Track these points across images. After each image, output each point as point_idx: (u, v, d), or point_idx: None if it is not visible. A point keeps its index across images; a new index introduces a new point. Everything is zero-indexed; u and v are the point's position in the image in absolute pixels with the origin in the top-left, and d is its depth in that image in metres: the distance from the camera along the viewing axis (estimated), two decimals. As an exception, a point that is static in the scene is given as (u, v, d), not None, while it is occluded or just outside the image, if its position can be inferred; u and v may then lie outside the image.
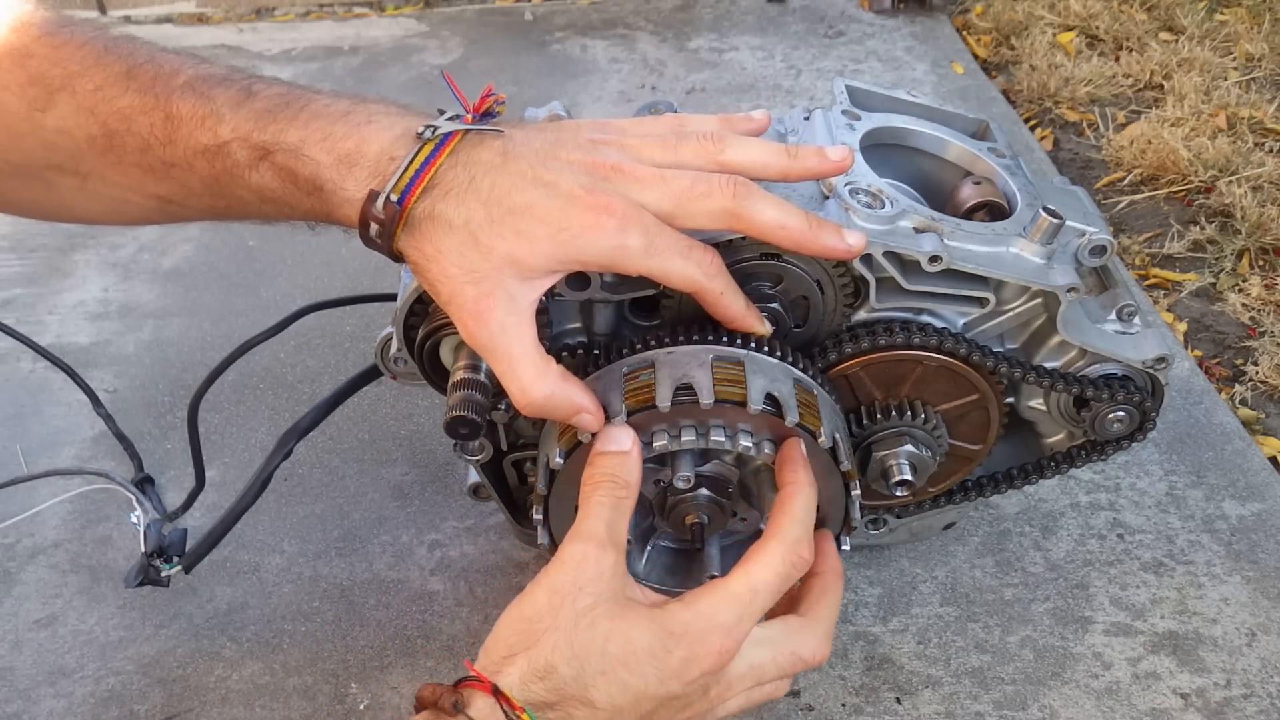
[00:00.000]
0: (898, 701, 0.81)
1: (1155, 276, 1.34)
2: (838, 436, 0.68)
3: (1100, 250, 0.73)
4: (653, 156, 0.64)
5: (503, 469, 0.82)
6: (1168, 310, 1.28)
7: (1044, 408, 0.80)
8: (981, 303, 0.73)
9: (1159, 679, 0.82)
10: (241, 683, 0.84)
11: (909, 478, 0.75)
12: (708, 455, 0.70)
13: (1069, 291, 0.71)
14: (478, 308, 0.59)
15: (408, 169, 0.59)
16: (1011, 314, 0.74)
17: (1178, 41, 1.83)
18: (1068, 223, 0.71)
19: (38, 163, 0.67)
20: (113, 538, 0.97)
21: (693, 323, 0.69)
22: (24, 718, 0.82)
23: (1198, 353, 1.21)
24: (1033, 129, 1.67)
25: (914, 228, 0.70)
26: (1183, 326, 1.25)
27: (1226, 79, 1.69)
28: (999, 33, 1.95)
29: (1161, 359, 0.75)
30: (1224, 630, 0.85)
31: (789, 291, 0.71)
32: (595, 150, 0.63)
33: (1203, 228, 1.39)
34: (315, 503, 1.00)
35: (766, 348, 0.68)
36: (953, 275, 0.70)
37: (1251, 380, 1.17)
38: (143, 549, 0.81)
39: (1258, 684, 0.81)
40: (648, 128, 0.67)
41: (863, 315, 0.73)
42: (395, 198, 0.59)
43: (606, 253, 0.60)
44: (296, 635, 0.88)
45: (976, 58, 1.87)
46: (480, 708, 0.56)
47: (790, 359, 0.69)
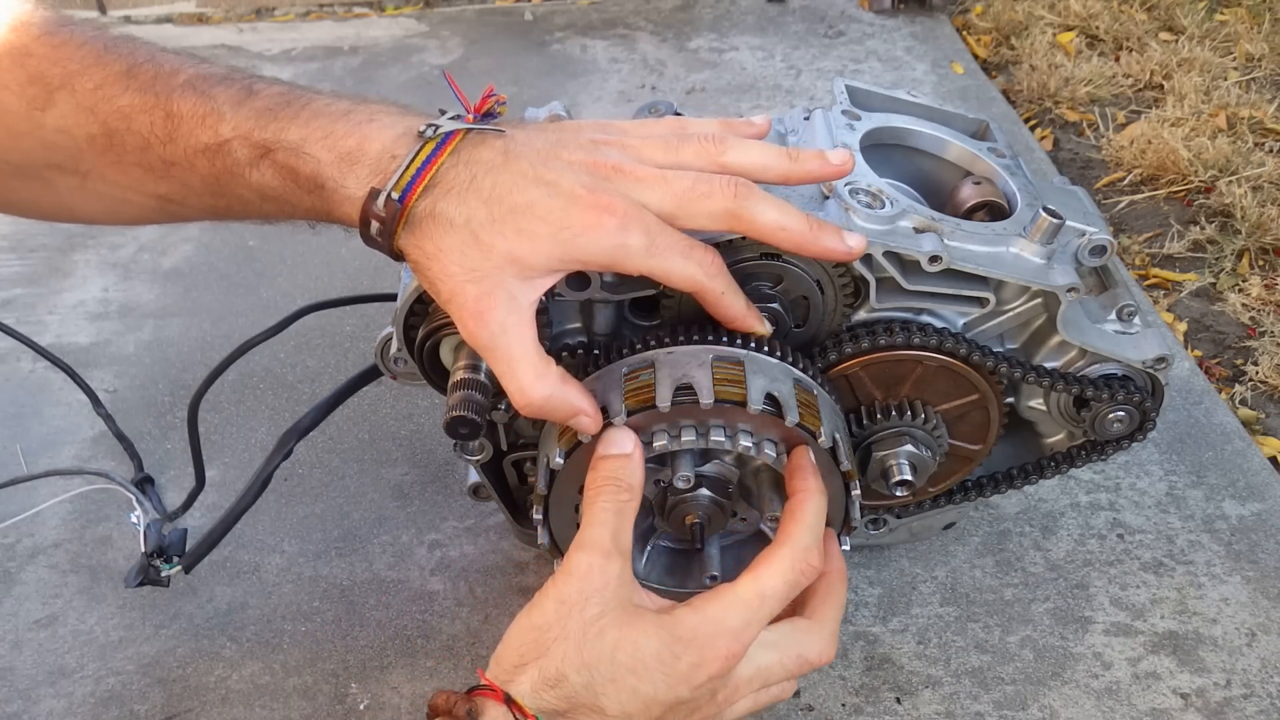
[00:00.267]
0: (898, 701, 0.81)
1: (1155, 276, 1.34)
2: (838, 436, 0.68)
3: (1100, 250, 0.73)
4: (654, 157, 0.64)
5: (503, 469, 0.82)
6: (1168, 310, 1.28)
7: (1044, 408, 0.80)
8: (981, 303, 0.73)
9: (1159, 679, 0.82)
10: (241, 683, 0.84)
11: (909, 478, 0.75)
12: (708, 455, 0.70)
13: (1069, 291, 0.71)
14: (478, 307, 0.59)
15: (409, 167, 0.59)
16: (1011, 314, 0.74)
17: (1178, 41, 1.83)
18: (1068, 223, 0.71)
19: (37, 162, 0.67)
20: (113, 538, 0.97)
21: (693, 323, 0.69)
22: (24, 718, 0.82)
23: (1198, 353, 1.21)
24: (1033, 129, 1.67)
25: (914, 228, 0.70)
26: (1183, 326, 1.25)
27: (1226, 79, 1.69)
28: (999, 33, 1.95)
29: (1161, 359, 0.75)
30: (1224, 630, 0.85)
31: (789, 291, 0.71)
32: (597, 150, 0.63)
33: (1203, 228, 1.39)
34: (315, 503, 1.00)
35: (766, 348, 0.68)
36: (953, 275, 0.70)
37: (1251, 380, 1.17)
38: (143, 549, 0.81)
39: (1258, 684, 0.81)
40: (649, 129, 0.67)
41: (863, 315, 0.73)
42: (396, 196, 0.59)
43: (608, 252, 0.60)
44: (296, 635, 0.88)
45: (976, 58, 1.87)
46: (493, 716, 0.57)
47: (790, 359, 0.69)
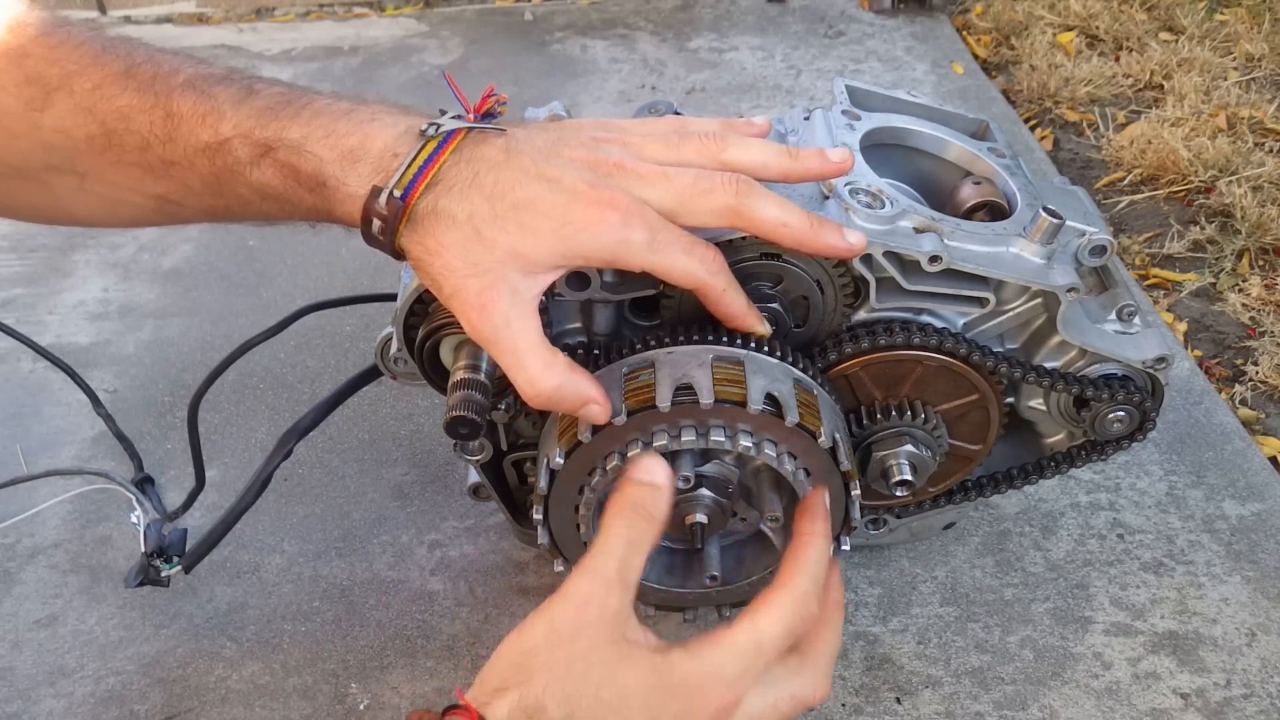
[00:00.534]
0: (898, 701, 0.81)
1: (1155, 276, 1.34)
2: (838, 436, 0.68)
3: (1100, 250, 0.73)
4: (655, 154, 0.64)
5: (503, 469, 0.82)
6: (1168, 310, 1.28)
7: (1044, 408, 0.80)
8: (981, 303, 0.73)
9: (1159, 679, 0.82)
10: (241, 683, 0.84)
11: (909, 478, 0.75)
12: (708, 455, 0.70)
13: (1069, 291, 0.71)
14: (481, 300, 0.59)
15: (411, 164, 0.59)
16: (1011, 314, 0.74)
17: (1178, 41, 1.83)
18: (1068, 223, 0.71)
19: (36, 163, 0.66)
20: (113, 538, 0.97)
21: (693, 323, 0.69)
22: (24, 718, 0.82)
23: (1198, 353, 1.21)
24: (1033, 129, 1.66)
25: (914, 228, 0.70)
26: (1183, 326, 1.25)
27: (1226, 79, 1.69)
28: (999, 33, 1.95)
29: (1161, 359, 0.75)
30: (1224, 630, 0.85)
31: (789, 291, 0.71)
32: (598, 148, 0.63)
33: (1203, 228, 1.39)
34: (315, 503, 1.00)
35: (766, 348, 0.68)
36: (953, 275, 0.70)
37: (1251, 380, 1.17)
38: (143, 549, 0.81)
39: (1258, 684, 0.81)
40: (650, 127, 0.67)
41: (863, 315, 0.73)
42: (399, 193, 0.59)
43: (610, 248, 0.60)
44: (296, 635, 0.88)
45: (976, 58, 1.87)
46: None
47: (790, 359, 0.69)
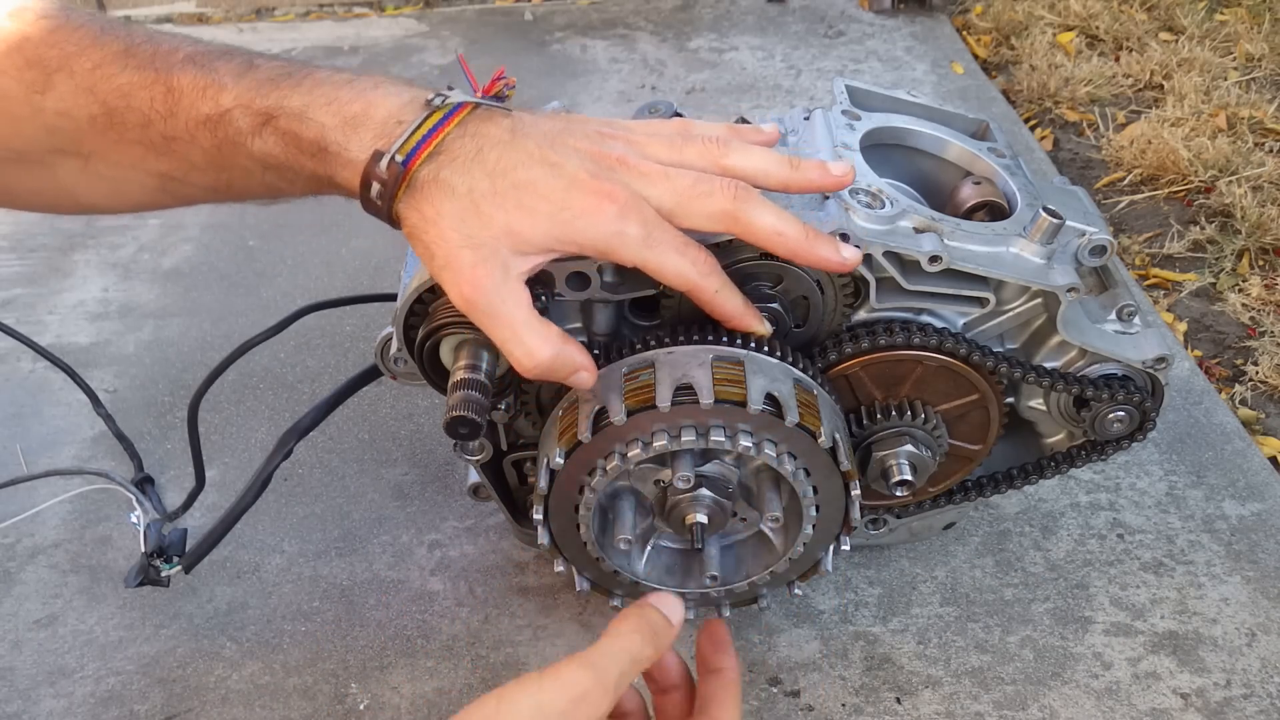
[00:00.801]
0: (898, 701, 0.81)
1: (1155, 276, 1.34)
2: (838, 436, 0.68)
3: (1100, 250, 0.73)
4: (657, 154, 0.65)
5: (503, 469, 0.82)
6: (1168, 310, 1.28)
7: (1044, 408, 0.80)
8: (981, 303, 0.73)
9: (1159, 679, 0.82)
10: (241, 683, 0.84)
11: (909, 478, 0.75)
12: (708, 455, 0.70)
13: (1069, 291, 0.71)
14: (475, 274, 0.59)
15: (416, 131, 0.60)
16: (1011, 314, 0.74)
17: (1178, 41, 1.83)
18: (1068, 223, 0.71)
19: (39, 147, 0.67)
20: (113, 538, 0.97)
21: (693, 323, 0.69)
22: (24, 718, 0.82)
23: (1198, 353, 1.21)
24: (1033, 129, 1.66)
25: (914, 228, 0.70)
26: (1183, 326, 1.25)
27: (1226, 79, 1.69)
28: (999, 33, 1.95)
29: (1161, 359, 0.75)
30: (1224, 630, 0.85)
31: (789, 291, 0.71)
32: (603, 141, 0.64)
33: (1203, 228, 1.39)
34: (315, 503, 1.00)
35: (766, 348, 0.68)
36: (953, 275, 0.70)
37: (1251, 380, 1.17)
38: (143, 549, 0.81)
39: (1258, 684, 0.81)
40: (655, 128, 0.68)
41: (863, 315, 0.73)
42: (400, 159, 0.59)
43: (604, 238, 0.61)
44: (296, 635, 0.88)
45: (976, 58, 1.87)
46: None
47: (790, 359, 0.69)
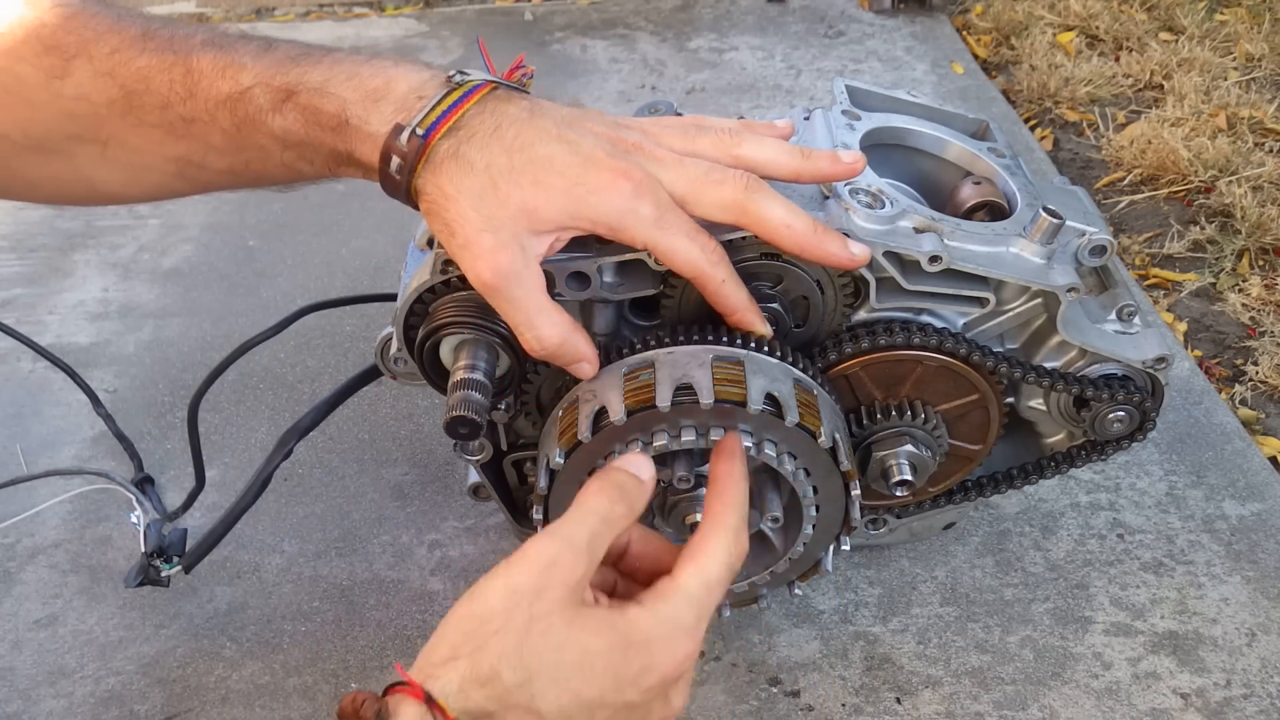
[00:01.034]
0: (898, 701, 0.81)
1: (1155, 276, 1.34)
2: (838, 436, 0.68)
3: (1100, 250, 0.73)
4: (672, 143, 0.66)
5: (503, 469, 0.82)
6: (1168, 310, 1.28)
7: (1044, 408, 0.80)
8: (981, 303, 0.73)
9: (1159, 679, 0.82)
10: (241, 683, 0.84)
11: (909, 478, 0.75)
12: (708, 455, 0.70)
13: (1069, 291, 0.71)
14: (495, 259, 0.60)
15: (436, 106, 0.61)
16: (1011, 314, 0.74)
17: (1178, 41, 1.83)
18: (1068, 223, 0.71)
19: (58, 133, 0.68)
20: (113, 538, 0.97)
21: (693, 323, 0.69)
22: (24, 718, 0.82)
23: (1198, 353, 1.21)
24: (1033, 129, 1.66)
25: (914, 228, 0.70)
26: (1183, 326, 1.25)
27: (1226, 79, 1.69)
28: (999, 33, 1.95)
29: (1161, 359, 0.75)
30: (1224, 630, 0.85)
31: (789, 291, 0.71)
32: (618, 128, 0.65)
33: (1203, 228, 1.39)
34: (315, 503, 1.00)
35: (766, 348, 0.68)
36: (953, 275, 0.70)
37: (1251, 380, 1.17)
38: (143, 549, 0.81)
39: (1258, 684, 0.81)
40: (669, 121, 0.69)
41: (863, 315, 0.73)
42: (421, 132, 0.60)
43: (618, 215, 0.61)
44: (296, 635, 0.88)
45: (976, 58, 1.87)
46: (408, 716, 0.50)
47: (790, 359, 0.69)
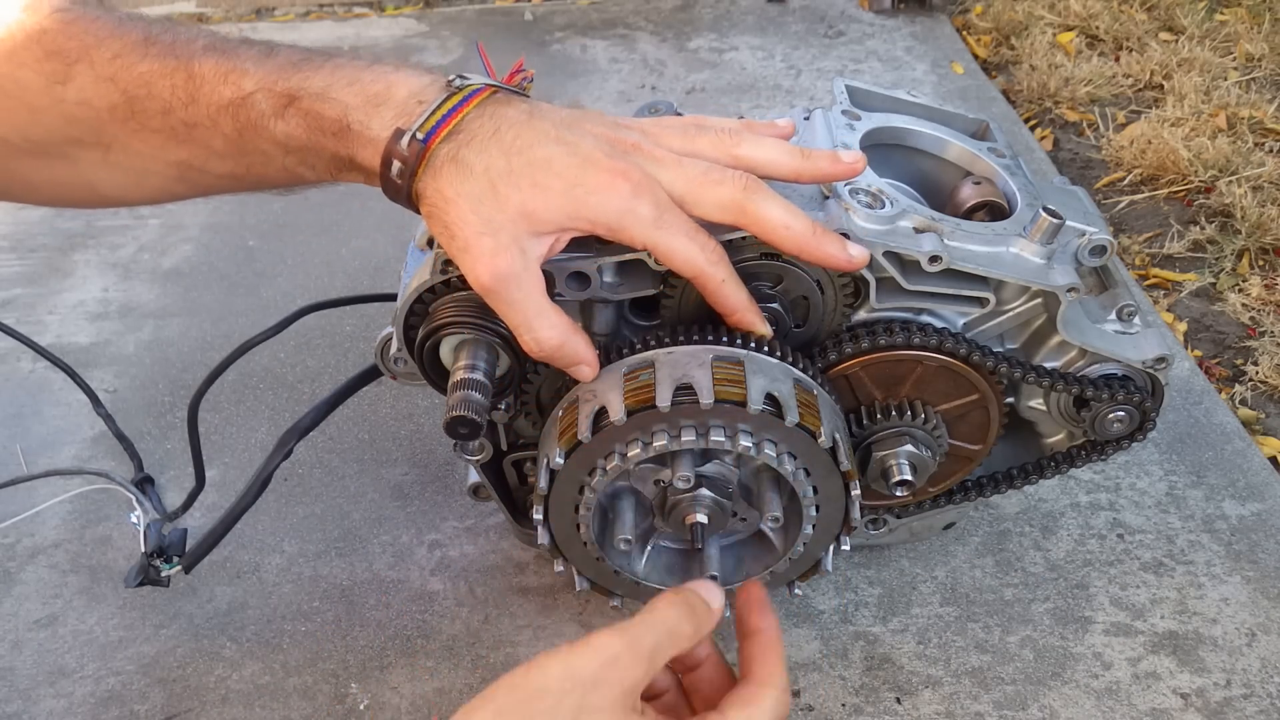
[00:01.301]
0: (898, 701, 0.81)
1: (1155, 276, 1.34)
2: (838, 436, 0.68)
3: (1100, 250, 0.73)
4: (671, 143, 0.66)
5: (503, 469, 0.82)
6: (1168, 310, 1.28)
7: (1044, 408, 0.80)
8: (981, 303, 0.73)
9: (1159, 679, 0.82)
10: (241, 683, 0.84)
11: (909, 478, 0.75)
12: (708, 455, 0.70)
13: (1069, 291, 0.71)
14: (494, 262, 0.61)
15: (436, 110, 0.61)
16: (1011, 314, 0.74)
17: (1178, 41, 1.83)
18: (1068, 223, 0.71)
19: (60, 138, 0.68)
20: (113, 538, 0.97)
21: (693, 323, 0.69)
22: (24, 718, 0.82)
23: (1198, 353, 1.21)
24: (1033, 129, 1.66)
25: (914, 228, 0.70)
26: (1183, 326, 1.25)
27: (1226, 79, 1.69)
28: (999, 33, 1.95)
29: (1161, 359, 0.75)
30: (1224, 630, 0.85)
31: (789, 291, 0.71)
32: (617, 128, 0.66)
33: (1203, 228, 1.39)
34: (315, 503, 1.00)
35: (766, 348, 0.68)
36: (953, 275, 0.70)
37: (1251, 380, 1.17)
38: (143, 549, 0.81)
39: (1258, 684, 0.81)
40: (669, 122, 0.69)
41: (863, 315, 0.73)
42: (421, 136, 0.60)
43: (616, 215, 0.62)
44: (296, 635, 0.88)
45: (976, 58, 1.87)
46: None
47: (790, 359, 0.69)
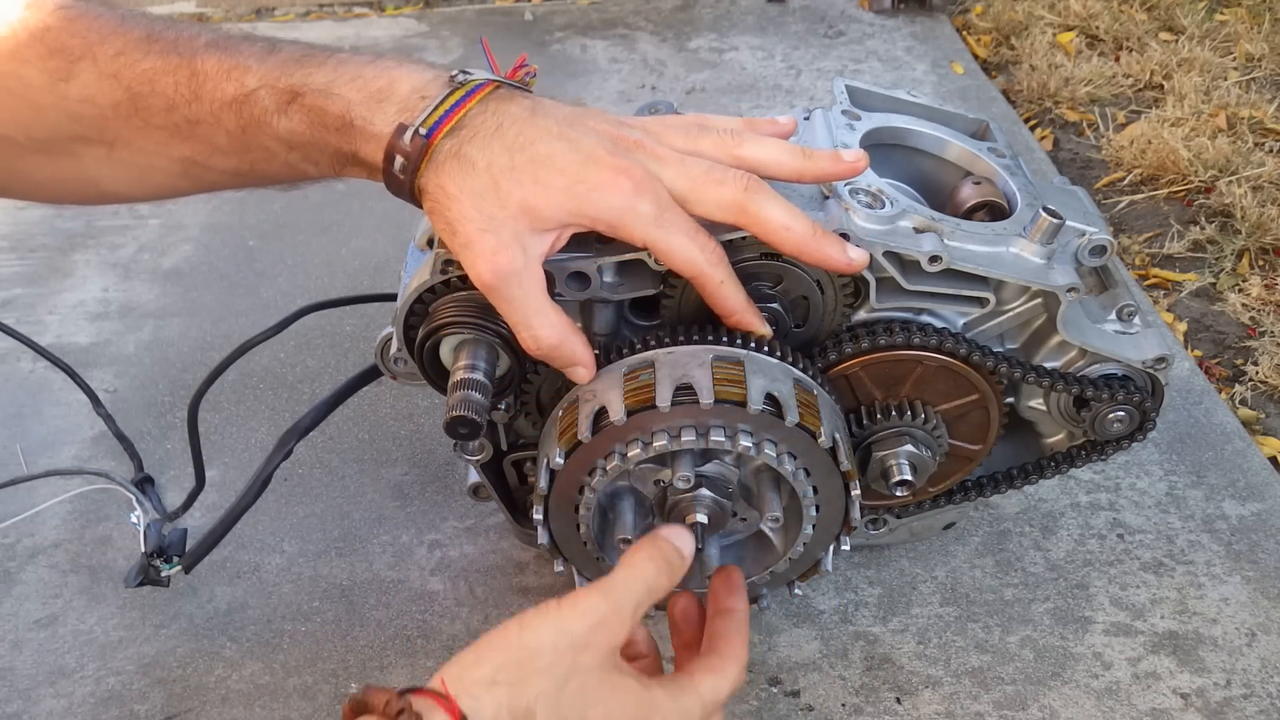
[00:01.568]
0: (898, 701, 0.81)
1: (1155, 276, 1.34)
2: (838, 436, 0.68)
3: (1100, 250, 0.73)
4: (674, 142, 0.66)
5: (503, 469, 0.82)
6: (1168, 310, 1.28)
7: (1044, 408, 0.80)
8: (981, 303, 0.73)
9: (1159, 679, 0.82)
10: (241, 683, 0.84)
11: (909, 478, 0.75)
12: (708, 455, 0.70)
13: (1069, 291, 0.71)
14: (495, 259, 0.61)
15: (439, 106, 0.61)
16: (1011, 314, 0.74)
17: (1178, 41, 1.83)
18: (1068, 223, 0.71)
19: (63, 135, 0.68)
20: (113, 538, 0.97)
21: (693, 323, 0.69)
22: (24, 718, 0.82)
23: (1198, 353, 1.21)
24: (1033, 129, 1.66)
25: (914, 228, 0.70)
26: (1183, 326, 1.25)
27: (1226, 79, 1.69)
28: (999, 33, 1.95)
29: (1161, 359, 0.75)
30: (1224, 630, 0.85)
31: (789, 291, 0.71)
32: (620, 126, 0.66)
33: (1203, 228, 1.39)
34: (315, 503, 1.00)
35: (766, 348, 0.68)
36: (953, 275, 0.70)
37: (1251, 380, 1.17)
38: (143, 549, 0.81)
39: (1258, 684, 0.81)
40: (671, 121, 0.69)
41: (863, 315, 0.73)
42: (424, 131, 0.61)
43: (617, 212, 0.62)
44: (296, 635, 0.88)
45: (976, 58, 1.87)
46: None
47: (790, 359, 0.69)
